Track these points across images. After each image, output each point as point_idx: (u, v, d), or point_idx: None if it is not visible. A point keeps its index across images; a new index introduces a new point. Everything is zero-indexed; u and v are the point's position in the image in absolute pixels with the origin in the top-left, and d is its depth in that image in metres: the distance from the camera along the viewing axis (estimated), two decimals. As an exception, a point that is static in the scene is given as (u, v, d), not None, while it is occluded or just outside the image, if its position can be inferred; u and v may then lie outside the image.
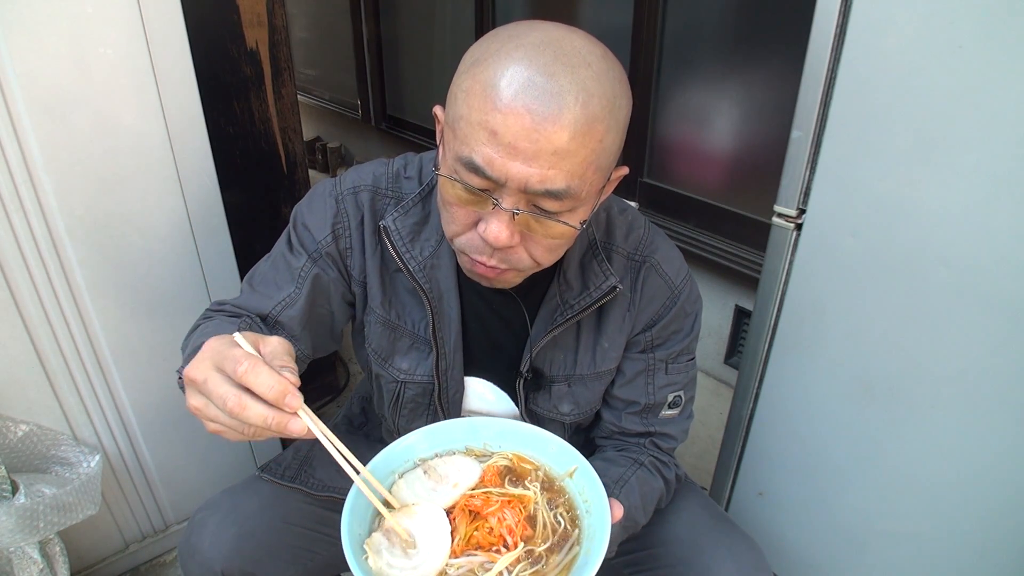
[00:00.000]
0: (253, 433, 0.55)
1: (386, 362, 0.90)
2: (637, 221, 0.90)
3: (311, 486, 0.94)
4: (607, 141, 0.64)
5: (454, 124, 0.65)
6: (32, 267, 1.08)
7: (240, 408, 0.53)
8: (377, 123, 3.87)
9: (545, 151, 0.61)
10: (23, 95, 0.98)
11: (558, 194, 0.63)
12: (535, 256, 0.72)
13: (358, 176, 0.86)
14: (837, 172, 0.96)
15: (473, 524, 0.67)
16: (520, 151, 0.61)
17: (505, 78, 0.60)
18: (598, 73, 0.62)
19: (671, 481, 0.93)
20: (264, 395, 0.53)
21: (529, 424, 0.78)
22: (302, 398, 0.54)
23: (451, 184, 0.67)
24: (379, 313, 0.87)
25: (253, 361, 0.54)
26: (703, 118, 2.08)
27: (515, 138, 0.60)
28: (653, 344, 0.90)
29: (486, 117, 0.61)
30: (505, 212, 0.65)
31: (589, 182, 0.65)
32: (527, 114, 0.59)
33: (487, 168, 0.62)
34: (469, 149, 0.63)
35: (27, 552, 1.08)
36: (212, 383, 0.54)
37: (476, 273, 0.75)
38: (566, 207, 0.66)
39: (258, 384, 0.53)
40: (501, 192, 0.64)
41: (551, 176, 0.62)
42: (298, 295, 0.83)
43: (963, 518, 1.00)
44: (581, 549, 0.66)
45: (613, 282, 0.82)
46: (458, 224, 0.71)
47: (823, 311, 1.05)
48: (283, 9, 1.51)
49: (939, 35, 0.81)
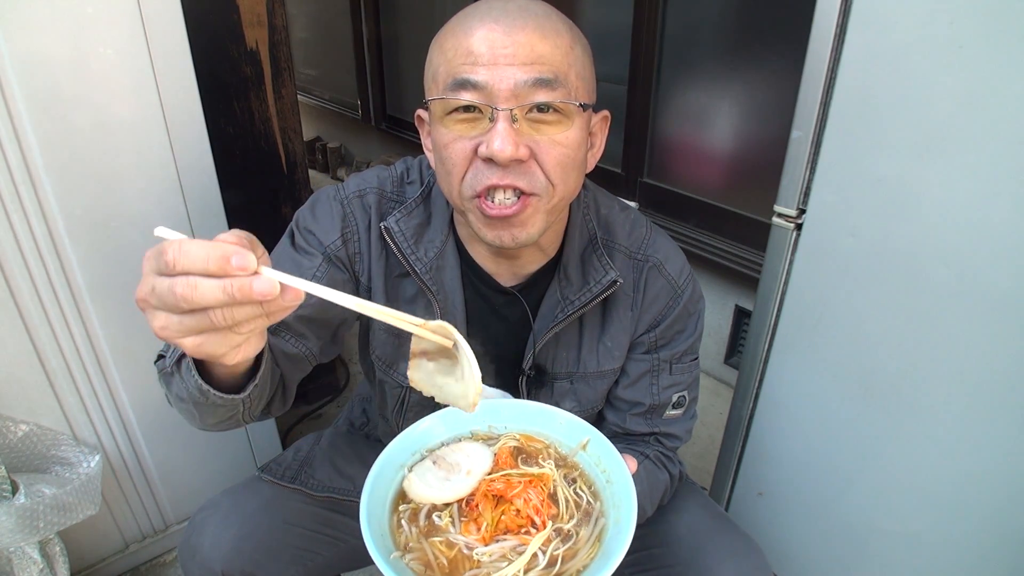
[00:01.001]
0: (226, 320, 0.47)
1: (391, 368, 0.89)
2: (639, 220, 0.90)
3: (311, 487, 0.94)
4: (577, 52, 0.70)
5: (435, 77, 0.70)
6: (32, 267, 1.08)
7: (191, 289, 0.45)
8: (377, 123, 3.87)
9: (523, 49, 0.66)
10: (23, 95, 0.98)
11: (549, 81, 0.67)
12: (548, 171, 0.70)
13: (362, 180, 0.86)
14: (837, 172, 0.96)
15: (499, 509, 0.67)
16: (500, 55, 0.65)
17: (472, 16, 0.68)
18: (550, 10, 0.71)
19: (675, 476, 0.94)
20: (205, 270, 0.45)
21: (535, 401, 0.78)
22: (253, 257, 0.45)
23: (445, 121, 0.70)
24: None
25: (178, 243, 0.46)
26: (703, 118, 2.08)
27: (491, 47, 0.66)
28: (657, 345, 0.90)
29: (460, 44, 0.67)
30: (504, 119, 0.66)
31: (574, 82, 0.69)
32: (497, 25, 0.66)
33: (473, 76, 0.66)
34: (454, 74, 0.67)
35: (27, 552, 1.08)
36: (157, 285, 0.47)
37: (495, 217, 0.71)
38: (559, 96, 0.68)
39: (192, 262, 0.45)
40: (494, 102, 0.67)
41: (536, 68, 0.66)
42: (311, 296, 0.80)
43: (963, 518, 1.00)
44: (608, 519, 0.66)
45: (613, 275, 0.82)
46: (460, 162, 0.70)
47: (823, 311, 1.05)
48: (283, 9, 1.51)
49: (939, 35, 0.81)
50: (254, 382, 0.63)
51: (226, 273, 0.45)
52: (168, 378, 0.67)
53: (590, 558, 0.63)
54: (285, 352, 0.80)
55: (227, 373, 0.62)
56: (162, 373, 0.68)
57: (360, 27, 3.66)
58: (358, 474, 0.99)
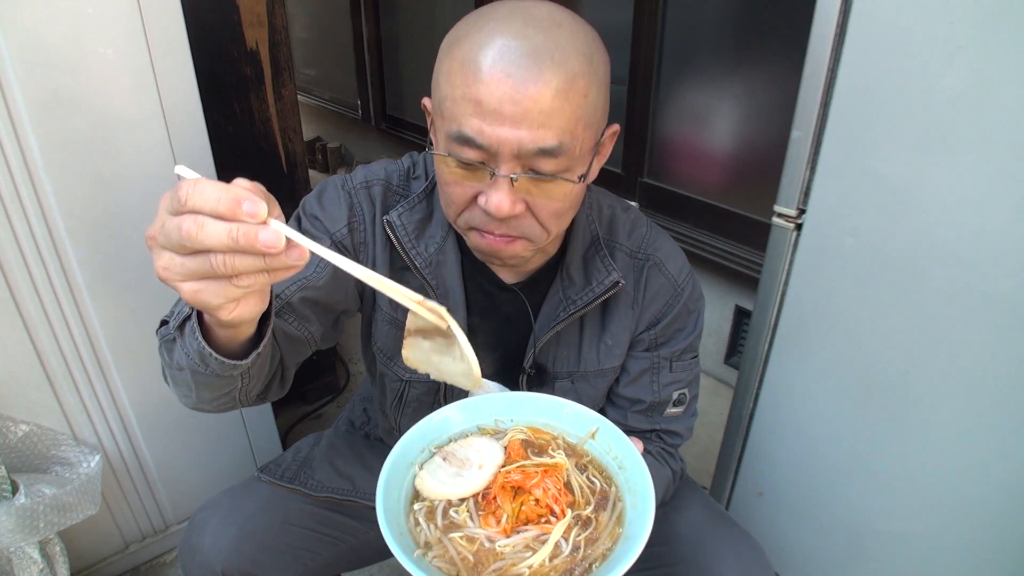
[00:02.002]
0: (226, 267, 0.46)
1: (391, 360, 0.90)
2: (640, 220, 0.90)
3: (310, 487, 0.94)
4: (591, 96, 0.65)
5: (440, 106, 0.67)
6: (32, 267, 1.08)
7: (198, 228, 0.44)
8: (377, 123, 3.87)
9: (531, 112, 0.62)
10: (23, 95, 0.98)
11: (551, 151, 0.64)
12: (543, 221, 0.71)
13: (369, 172, 0.86)
14: (837, 172, 0.96)
15: (517, 500, 0.66)
16: (507, 116, 0.62)
17: (481, 50, 0.62)
18: (570, 32, 0.64)
19: (677, 472, 0.94)
20: (215, 210, 0.44)
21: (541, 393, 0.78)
22: (265, 207, 0.45)
23: (447, 162, 0.68)
24: (386, 311, 0.87)
25: (194, 181, 0.45)
26: (703, 118, 2.08)
27: (499, 103, 0.61)
28: (657, 342, 0.90)
29: (468, 90, 0.63)
30: (503, 180, 0.66)
31: (580, 138, 0.66)
32: (507, 78, 0.61)
33: (477, 137, 0.63)
34: (457, 124, 0.64)
35: (27, 552, 1.08)
36: (167, 223, 0.45)
37: (487, 247, 0.74)
38: (562, 166, 0.66)
39: (204, 201, 0.44)
40: (496, 161, 0.65)
41: (541, 135, 0.63)
42: (318, 277, 0.79)
43: (962, 518, 1.00)
44: (625, 503, 0.66)
45: (616, 277, 0.82)
46: (458, 203, 0.71)
47: (823, 311, 1.05)
48: (283, 9, 1.51)
49: (939, 35, 0.81)
50: (257, 350, 0.62)
51: (235, 217, 0.44)
52: (170, 344, 0.65)
53: (612, 541, 0.63)
54: (287, 333, 0.79)
55: (229, 339, 0.60)
56: (164, 340, 0.67)
57: (360, 27, 3.66)
58: (357, 474, 0.99)
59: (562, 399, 0.75)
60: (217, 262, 0.45)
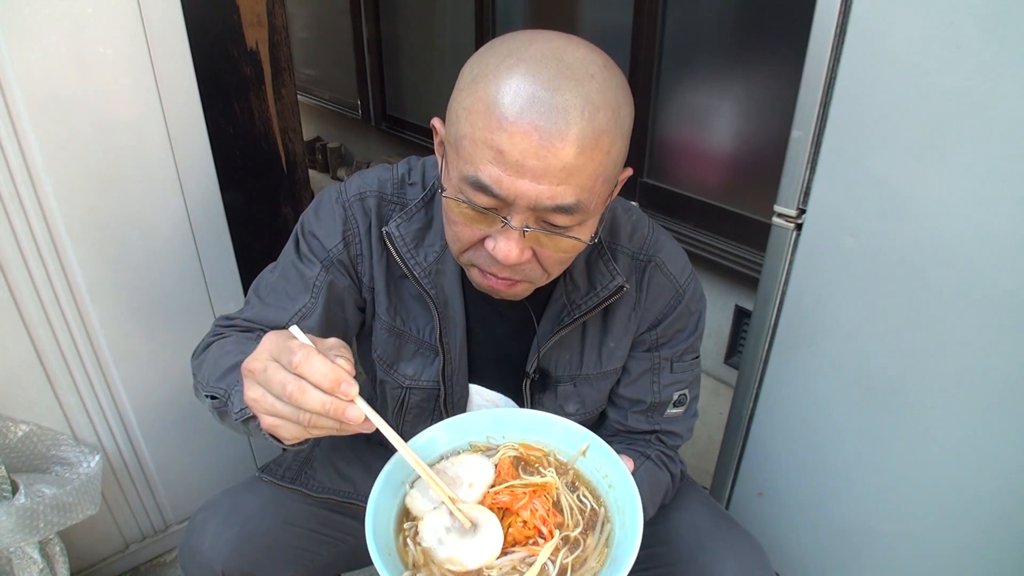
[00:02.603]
0: (310, 422, 0.54)
1: (391, 368, 0.90)
2: (641, 221, 0.90)
3: (311, 487, 0.94)
4: (614, 152, 0.64)
5: (456, 143, 0.64)
6: (32, 267, 1.08)
7: (300, 392, 0.53)
8: (377, 123, 3.87)
9: (554, 168, 0.60)
10: (23, 95, 0.98)
11: (568, 209, 0.63)
12: (546, 267, 0.72)
13: (363, 182, 0.85)
14: (837, 172, 0.96)
15: (505, 521, 0.67)
16: (528, 169, 0.60)
17: (508, 95, 0.59)
18: (602, 85, 0.61)
19: (676, 475, 0.94)
20: (319, 383, 0.53)
21: (531, 410, 0.78)
22: (358, 387, 0.54)
23: (457, 203, 0.66)
24: (385, 319, 0.87)
25: (307, 350, 0.54)
26: (703, 118, 2.08)
27: (522, 156, 0.59)
28: (658, 343, 0.90)
29: (491, 135, 0.60)
30: (514, 230, 0.65)
31: (598, 194, 0.65)
32: (534, 131, 0.58)
33: (495, 187, 0.62)
34: (475, 168, 0.62)
35: (27, 552, 1.08)
36: (271, 371, 0.54)
37: (487, 287, 0.74)
38: (576, 220, 0.65)
39: (313, 373, 0.53)
40: (509, 210, 0.64)
41: (561, 192, 0.61)
42: (314, 305, 0.81)
43: (962, 518, 1.00)
44: (614, 524, 0.66)
45: (620, 282, 0.82)
46: (464, 242, 0.70)
47: (823, 311, 1.05)
48: (283, 9, 1.51)
49: (939, 35, 0.81)
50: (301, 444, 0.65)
51: (332, 392, 0.53)
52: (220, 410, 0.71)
53: (600, 564, 0.63)
54: None
55: None
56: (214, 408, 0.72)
57: (360, 27, 3.65)
58: (358, 476, 0.99)
59: (552, 416, 0.75)
60: (304, 418, 0.54)
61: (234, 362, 0.71)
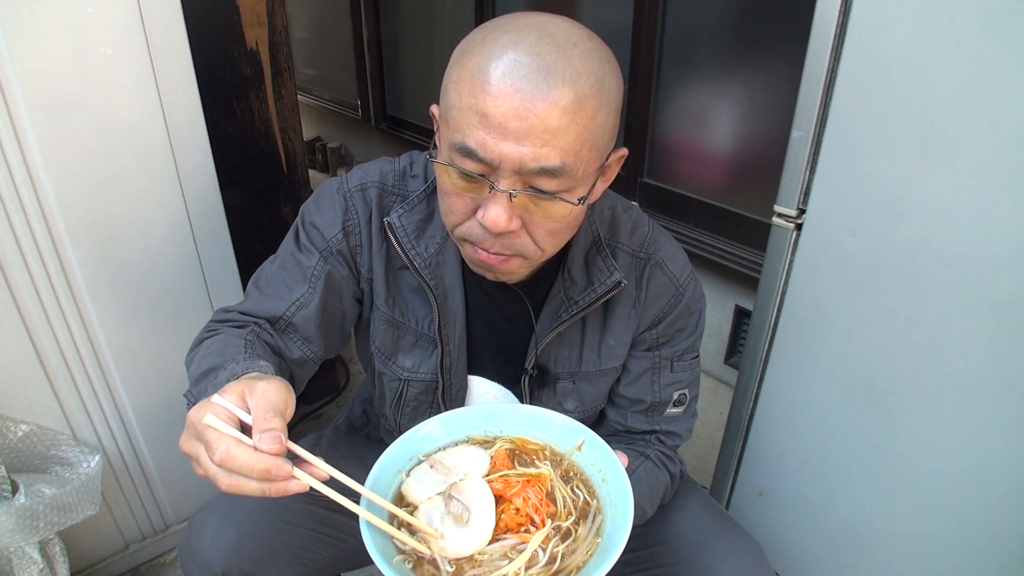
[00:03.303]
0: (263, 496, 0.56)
1: (389, 360, 0.90)
2: (641, 219, 0.90)
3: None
4: (599, 118, 0.64)
5: (446, 114, 0.67)
6: (32, 267, 1.08)
7: (237, 488, 0.54)
8: (377, 123, 3.87)
9: (537, 129, 0.61)
10: (23, 95, 0.98)
11: (553, 171, 0.64)
12: (538, 240, 0.71)
13: (365, 173, 0.86)
14: (837, 172, 0.96)
15: (499, 508, 0.67)
16: (511, 131, 0.61)
17: (492, 62, 0.61)
18: (584, 52, 0.63)
19: (676, 475, 0.94)
20: (249, 475, 0.54)
21: (529, 405, 0.78)
22: (289, 466, 0.54)
23: (447, 172, 0.68)
24: (383, 311, 0.87)
25: (226, 445, 0.53)
26: (703, 118, 2.08)
27: (505, 118, 0.61)
28: (658, 342, 0.90)
29: (476, 101, 0.62)
30: (502, 195, 0.65)
31: (585, 160, 0.66)
32: (515, 93, 0.60)
33: (480, 150, 0.63)
34: (462, 135, 0.64)
35: (27, 552, 1.08)
36: (203, 461, 0.55)
37: (480, 263, 0.74)
38: (563, 186, 0.66)
39: (240, 467, 0.53)
40: (496, 175, 0.65)
41: (544, 153, 0.62)
42: (312, 295, 0.82)
43: (963, 518, 1.00)
44: (605, 516, 0.66)
45: (618, 277, 0.82)
46: (457, 214, 0.71)
47: (823, 311, 1.05)
48: (283, 9, 1.51)
49: (939, 35, 0.81)
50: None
51: (267, 480, 0.54)
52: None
53: (588, 554, 0.63)
54: (292, 357, 0.83)
55: None
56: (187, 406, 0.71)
57: (360, 27, 3.66)
58: (358, 474, 0.98)
59: (549, 411, 0.76)
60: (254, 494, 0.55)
61: (211, 366, 0.69)
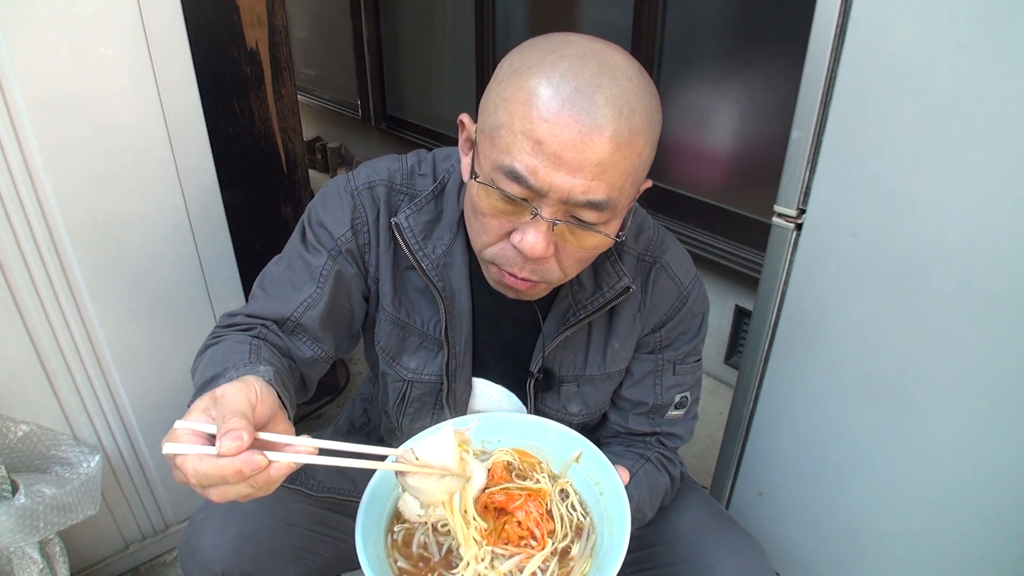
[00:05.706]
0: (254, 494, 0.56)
1: (394, 360, 0.89)
2: (647, 222, 0.90)
3: (311, 487, 0.94)
4: (645, 154, 0.65)
5: (492, 133, 0.65)
6: (32, 267, 1.08)
7: (224, 496, 0.54)
8: (377, 123, 3.87)
9: (590, 162, 0.61)
10: (23, 95, 0.98)
11: (599, 205, 0.63)
12: (564, 267, 0.72)
13: (372, 171, 0.85)
14: (837, 172, 0.96)
15: (501, 520, 0.67)
16: (565, 161, 0.60)
17: (551, 88, 0.60)
18: (639, 87, 0.63)
19: (676, 477, 0.94)
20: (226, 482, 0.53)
21: (525, 415, 0.78)
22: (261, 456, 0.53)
23: (488, 193, 0.66)
24: (388, 311, 0.87)
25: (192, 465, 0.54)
26: (703, 118, 2.08)
27: (561, 148, 0.60)
28: (662, 345, 0.90)
29: (531, 126, 0.61)
30: (544, 222, 0.65)
31: (627, 194, 0.66)
32: (574, 124, 0.59)
33: (530, 177, 0.62)
34: (511, 158, 0.62)
35: (27, 552, 1.08)
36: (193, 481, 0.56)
37: (505, 285, 0.74)
38: (604, 218, 0.66)
39: (214, 480, 0.53)
40: (541, 202, 0.64)
41: (594, 187, 0.62)
42: (320, 295, 0.81)
43: (963, 518, 1.00)
44: (601, 533, 0.66)
45: (627, 283, 0.82)
46: (490, 235, 0.70)
47: (823, 311, 1.05)
48: (283, 9, 1.51)
49: (939, 35, 0.81)
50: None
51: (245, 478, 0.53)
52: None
53: (582, 573, 0.63)
54: (303, 356, 0.81)
55: None
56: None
57: (360, 27, 3.65)
58: (358, 474, 0.99)
59: (546, 420, 0.75)
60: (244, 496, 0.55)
61: (212, 375, 0.68)
